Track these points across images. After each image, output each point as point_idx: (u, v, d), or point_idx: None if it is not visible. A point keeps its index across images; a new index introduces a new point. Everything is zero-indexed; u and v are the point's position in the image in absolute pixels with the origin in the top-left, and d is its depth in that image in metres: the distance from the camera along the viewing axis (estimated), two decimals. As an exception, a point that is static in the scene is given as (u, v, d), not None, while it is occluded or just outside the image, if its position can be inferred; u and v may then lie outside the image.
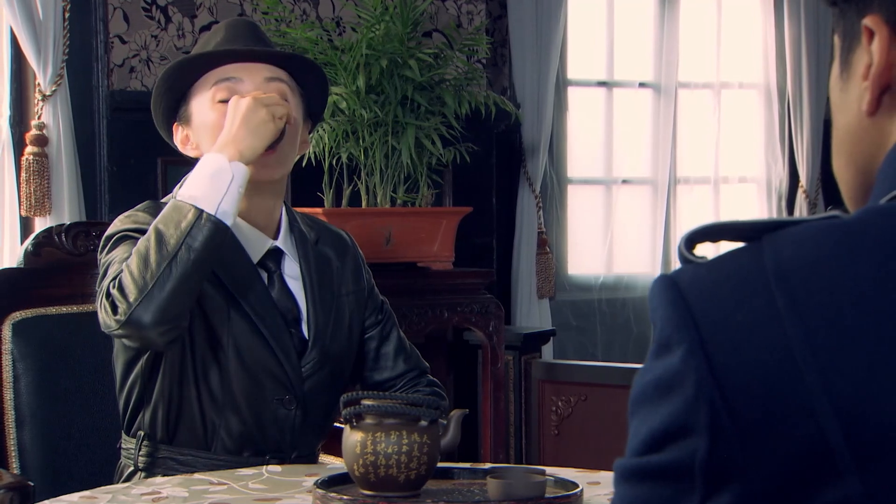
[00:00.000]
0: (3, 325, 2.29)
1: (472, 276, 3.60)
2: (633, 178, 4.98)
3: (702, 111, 5.07)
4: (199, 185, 1.89)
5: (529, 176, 4.53)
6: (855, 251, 0.81)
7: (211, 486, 1.70)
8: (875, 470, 0.76)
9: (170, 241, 1.84)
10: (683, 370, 0.81)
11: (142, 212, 2.01)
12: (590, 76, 4.88)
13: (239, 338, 1.99)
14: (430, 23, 4.20)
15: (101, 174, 3.74)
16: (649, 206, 4.98)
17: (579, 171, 4.87)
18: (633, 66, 4.95)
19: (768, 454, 0.78)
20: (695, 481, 0.81)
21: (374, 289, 2.24)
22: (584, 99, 4.88)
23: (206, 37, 2.13)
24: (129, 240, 1.94)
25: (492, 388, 3.59)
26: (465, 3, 4.30)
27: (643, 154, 4.99)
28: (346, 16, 4.03)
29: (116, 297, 1.83)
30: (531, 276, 4.52)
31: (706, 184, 5.09)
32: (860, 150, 0.93)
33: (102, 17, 3.75)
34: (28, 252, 2.35)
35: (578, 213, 4.86)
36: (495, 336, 3.54)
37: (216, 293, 1.99)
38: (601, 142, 4.91)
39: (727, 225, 0.89)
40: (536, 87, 4.48)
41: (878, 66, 0.88)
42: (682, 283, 0.85)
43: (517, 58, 4.48)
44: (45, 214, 3.57)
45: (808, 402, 0.77)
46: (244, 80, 2.04)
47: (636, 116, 4.96)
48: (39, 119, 3.59)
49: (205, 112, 2.04)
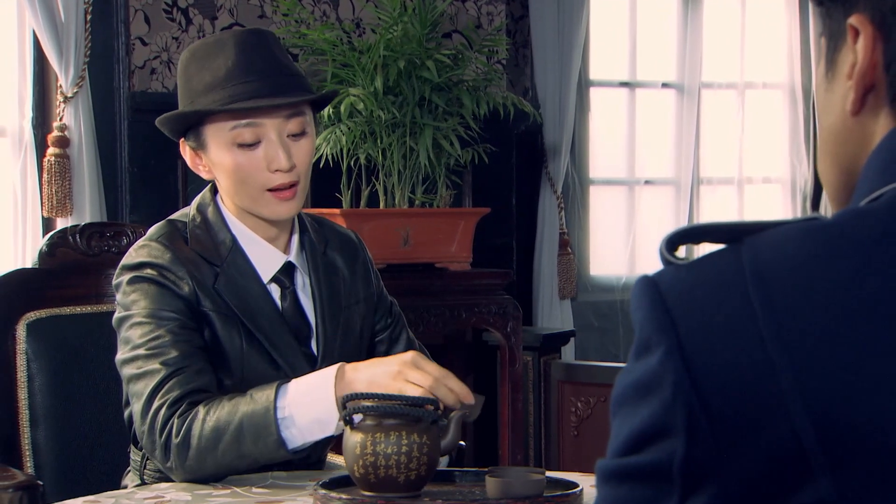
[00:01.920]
0: (18, 325, 2.31)
1: (489, 277, 3.60)
2: (655, 178, 4.96)
3: (725, 111, 5.04)
4: (306, 413, 1.83)
5: (551, 176, 4.52)
6: (831, 253, 0.81)
7: (215, 491, 1.71)
8: (848, 471, 0.76)
9: (244, 448, 1.82)
10: (661, 372, 0.82)
11: (155, 241, 2.00)
12: (612, 77, 4.87)
13: (254, 369, 1.98)
14: (450, 24, 4.20)
15: (122, 175, 3.77)
16: (672, 207, 4.97)
17: (601, 172, 4.86)
18: (656, 66, 4.93)
19: (744, 456, 0.79)
20: (673, 482, 0.82)
21: (383, 291, 2.24)
22: (606, 99, 4.87)
23: (210, 47, 2.02)
24: (143, 283, 1.95)
25: (509, 389, 3.59)
26: (485, 4, 4.31)
27: (666, 154, 4.97)
28: (365, 17, 4.04)
29: (175, 448, 1.83)
30: (553, 276, 4.51)
31: (730, 184, 5.07)
32: (844, 151, 0.93)
33: (124, 19, 3.77)
34: (43, 252, 2.37)
35: (601, 214, 4.85)
36: (513, 337, 3.55)
37: (231, 324, 1.99)
38: (623, 142, 4.90)
39: (708, 227, 0.89)
40: (558, 88, 4.48)
41: (862, 65, 0.88)
42: (662, 284, 0.85)
43: (539, 58, 4.47)
44: (67, 215, 3.60)
45: (782, 404, 0.77)
46: (265, 124, 1.99)
47: (659, 117, 4.95)
48: (61, 121, 3.63)
49: (222, 152, 2.00)
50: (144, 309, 1.93)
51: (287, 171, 2.00)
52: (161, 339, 1.91)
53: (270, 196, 2.01)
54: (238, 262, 2.02)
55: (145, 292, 1.95)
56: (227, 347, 1.98)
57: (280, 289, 2.06)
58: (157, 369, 1.89)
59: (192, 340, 1.93)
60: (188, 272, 1.97)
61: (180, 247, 2.00)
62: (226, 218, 2.06)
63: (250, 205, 2.02)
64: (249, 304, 2.00)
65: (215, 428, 1.83)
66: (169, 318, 1.93)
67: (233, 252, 2.03)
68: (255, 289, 2.02)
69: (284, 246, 2.09)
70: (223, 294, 1.99)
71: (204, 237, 2.03)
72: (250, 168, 1.99)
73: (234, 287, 2.00)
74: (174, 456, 1.84)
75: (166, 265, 1.97)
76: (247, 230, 2.05)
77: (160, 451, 1.86)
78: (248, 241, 2.04)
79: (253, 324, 1.99)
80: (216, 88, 1.97)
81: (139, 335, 1.93)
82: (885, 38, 0.86)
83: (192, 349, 1.92)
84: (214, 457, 1.84)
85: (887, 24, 0.86)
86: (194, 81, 2.00)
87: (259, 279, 2.03)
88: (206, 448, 1.83)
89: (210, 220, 2.05)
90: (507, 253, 4.37)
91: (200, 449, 1.83)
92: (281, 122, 2.00)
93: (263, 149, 2.00)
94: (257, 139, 1.99)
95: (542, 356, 3.98)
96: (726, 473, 0.80)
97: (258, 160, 1.99)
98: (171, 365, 1.89)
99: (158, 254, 1.98)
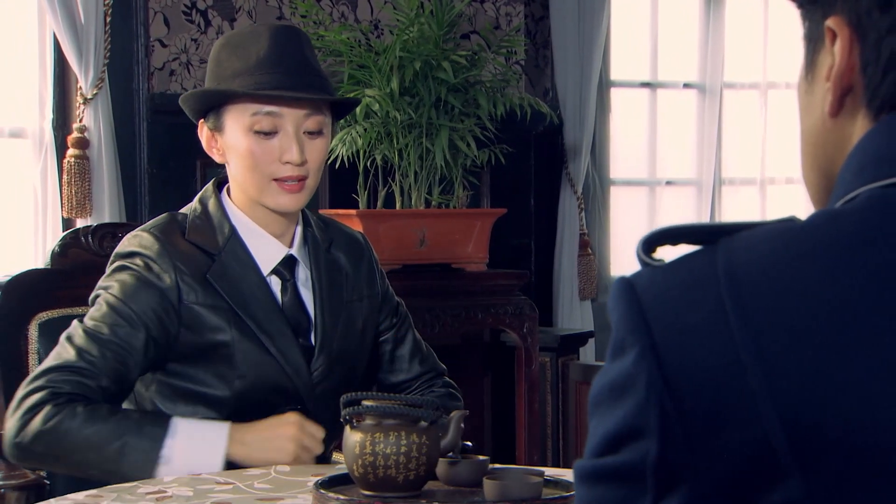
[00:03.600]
0: (30, 325, 2.33)
1: (506, 278, 3.60)
2: (677, 179, 4.95)
3: (748, 111, 5.02)
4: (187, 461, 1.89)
5: (571, 177, 4.52)
6: (803, 254, 0.81)
7: (217, 486, 1.72)
8: (817, 471, 0.76)
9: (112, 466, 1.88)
10: (635, 373, 0.82)
11: (147, 232, 2.04)
12: (633, 77, 4.86)
13: (248, 356, 2.02)
14: (469, 24, 4.21)
15: (141, 176, 3.80)
16: (694, 208, 4.95)
17: (622, 173, 4.85)
18: (678, 66, 4.92)
19: (716, 457, 0.79)
20: (647, 483, 0.82)
21: (388, 291, 2.25)
22: (627, 100, 4.86)
23: (245, 36, 2.07)
24: (125, 272, 2.00)
25: (526, 390, 3.59)
26: (503, 5, 4.31)
27: (688, 155, 4.95)
28: (383, 18, 4.05)
29: (35, 432, 1.89)
30: (573, 277, 4.51)
31: (752, 185, 5.05)
32: (823, 153, 0.93)
33: (143, 21, 3.80)
34: (55, 253, 2.39)
35: (621, 215, 4.84)
36: (529, 337, 3.54)
37: (221, 315, 2.02)
38: (645, 143, 4.89)
39: (686, 228, 0.90)
40: (579, 89, 4.47)
41: (839, 67, 0.88)
42: (638, 286, 0.86)
43: (559, 59, 4.47)
44: (86, 216, 3.63)
45: (752, 405, 0.78)
46: (285, 116, 2.03)
47: (680, 117, 4.93)
48: (81, 122, 3.65)
49: (238, 136, 2.04)
50: (113, 296, 1.99)
51: (298, 164, 2.03)
52: (100, 334, 1.96)
53: (277, 186, 2.04)
54: (237, 252, 2.05)
55: (123, 282, 2.00)
56: (217, 339, 2.01)
57: (281, 281, 2.09)
58: (71, 355, 1.94)
59: (127, 351, 1.96)
60: (173, 265, 2.00)
61: (173, 239, 2.04)
62: (227, 209, 2.09)
63: (256, 193, 2.06)
64: (243, 292, 2.03)
65: (88, 439, 1.88)
66: (127, 317, 1.97)
67: (231, 242, 2.06)
68: (251, 278, 2.05)
69: (289, 241, 2.11)
70: (215, 282, 2.02)
71: (203, 227, 2.07)
72: (262, 156, 2.03)
73: (229, 276, 2.03)
74: (26, 438, 1.89)
75: (152, 256, 2.01)
76: (249, 222, 2.08)
77: (15, 423, 1.90)
78: (248, 233, 2.08)
79: (244, 311, 2.02)
80: (243, 74, 2.02)
81: (95, 315, 1.98)
82: (861, 40, 0.86)
83: (116, 363, 1.95)
84: (71, 458, 1.90)
85: (863, 26, 0.86)
86: (224, 66, 2.04)
87: (258, 269, 2.06)
88: (67, 447, 1.89)
89: (210, 211, 2.09)
90: (526, 253, 4.36)
91: (62, 445, 1.88)
92: (300, 117, 2.04)
93: (279, 139, 2.03)
94: (274, 129, 2.03)
95: (560, 357, 3.98)
96: (698, 474, 0.80)
97: (272, 149, 2.03)
98: (85, 362, 1.94)
99: (148, 244, 2.02)
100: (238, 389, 2.01)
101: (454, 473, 1.68)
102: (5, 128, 3.68)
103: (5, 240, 3.70)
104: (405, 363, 2.21)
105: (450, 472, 1.68)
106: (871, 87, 0.87)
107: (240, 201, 2.09)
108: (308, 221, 2.16)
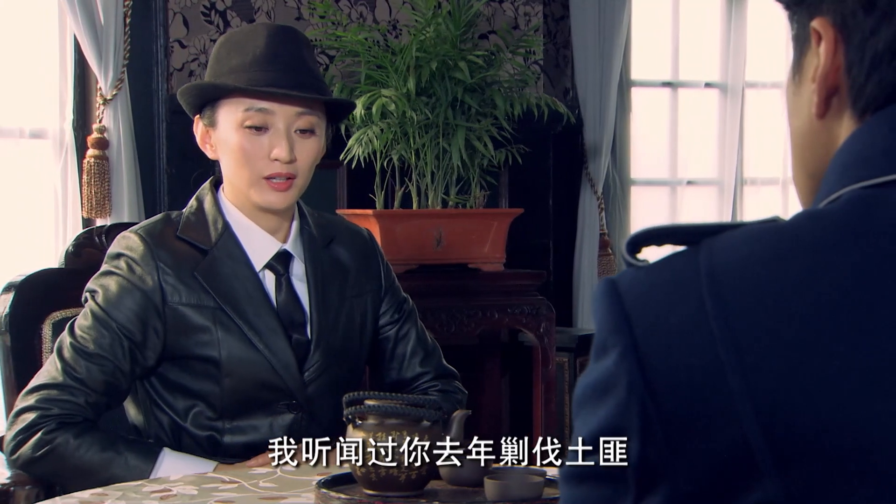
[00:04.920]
0: (44, 324, 2.35)
1: (523, 278, 3.60)
2: (698, 179, 4.93)
3: (770, 111, 5.00)
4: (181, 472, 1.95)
5: (591, 177, 4.51)
6: (783, 255, 0.81)
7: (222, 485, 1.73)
8: (794, 471, 0.76)
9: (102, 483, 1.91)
10: (617, 373, 0.83)
11: (135, 234, 2.08)
12: (654, 77, 4.85)
13: (233, 353, 2.04)
14: (487, 24, 4.21)
15: (160, 176, 3.82)
16: (715, 208, 4.94)
17: (643, 173, 4.84)
18: (699, 65, 4.90)
19: (695, 456, 0.79)
20: (628, 482, 0.82)
21: (394, 284, 2.25)
22: (648, 99, 4.84)
23: (244, 34, 2.09)
24: (111, 277, 2.05)
25: (543, 390, 3.58)
26: (522, 5, 4.30)
27: (709, 155, 4.94)
28: (402, 18, 4.06)
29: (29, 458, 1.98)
30: (593, 277, 4.50)
31: (774, 184, 5.03)
32: (811, 154, 0.93)
33: (162, 22, 3.82)
34: (69, 253, 2.41)
35: (642, 215, 4.83)
36: (546, 337, 3.54)
37: (206, 314, 2.04)
38: (666, 142, 4.88)
39: (670, 228, 0.90)
40: (599, 89, 4.47)
41: (824, 67, 0.88)
42: (621, 286, 0.86)
43: (579, 59, 4.46)
44: (106, 216, 3.65)
45: (731, 405, 0.78)
46: (276, 113, 2.05)
47: (702, 117, 4.92)
48: (100, 123, 3.68)
49: (230, 131, 2.07)
50: (97, 305, 2.03)
51: (287, 162, 2.05)
52: (85, 349, 2.00)
53: (266, 184, 2.06)
54: (229, 247, 2.08)
55: (106, 288, 2.04)
56: (202, 339, 2.03)
57: (275, 276, 2.10)
58: (57, 373, 2.00)
59: (113, 363, 2.01)
60: (157, 266, 2.04)
61: (163, 239, 2.07)
62: (222, 206, 2.11)
63: (245, 189, 2.08)
64: (233, 287, 2.05)
65: (77, 468, 1.96)
66: (110, 328, 2.01)
67: (224, 237, 2.08)
68: (242, 272, 2.07)
69: (283, 236, 2.13)
70: (202, 279, 2.04)
71: (196, 223, 2.09)
72: (252, 152, 2.05)
73: (218, 272, 2.06)
74: (20, 461, 1.98)
75: (136, 258, 2.05)
76: (243, 218, 2.10)
77: (10, 440, 1.99)
78: (242, 229, 2.10)
79: (232, 308, 2.04)
80: (238, 71, 2.05)
81: (82, 326, 2.03)
82: (846, 41, 0.86)
83: (103, 375, 2.00)
84: (64, 481, 1.99)
85: (848, 27, 0.86)
86: (222, 62, 2.07)
87: (250, 264, 2.08)
88: (59, 474, 1.99)
89: (205, 208, 2.11)
90: (544, 253, 4.36)
91: (53, 471, 1.99)
92: (291, 116, 2.05)
93: (269, 137, 2.05)
94: (265, 125, 2.05)
95: (577, 357, 3.97)
96: (679, 473, 0.80)
97: (262, 146, 2.05)
98: (72, 379, 1.99)
99: (133, 246, 2.06)
100: (227, 387, 2.04)
101: (457, 473, 1.68)
102: (26, 128, 3.71)
103: (27, 240, 3.73)
104: (405, 361, 2.22)
105: (452, 471, 1.69)
106: (856, 88, 0.87)
107: (233, 197, 2.11)
108: (304, 216, 2.17)
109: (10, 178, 3.70)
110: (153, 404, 2.08)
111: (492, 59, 3.57)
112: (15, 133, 3.69)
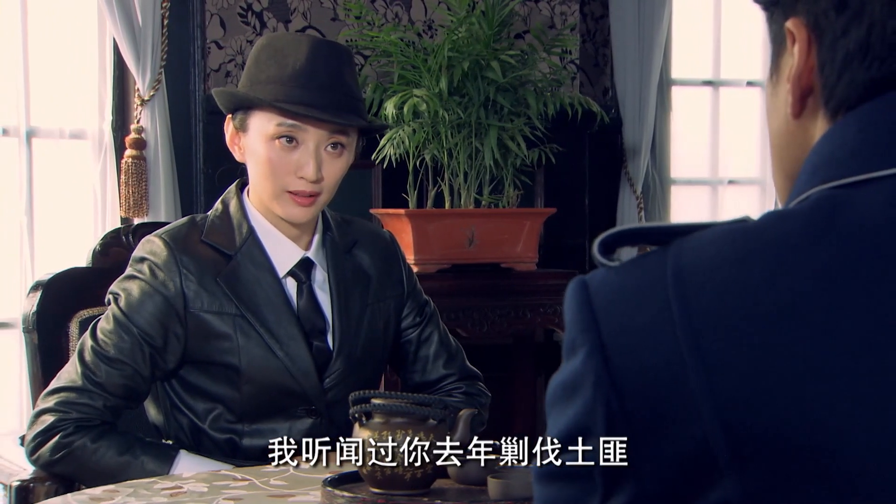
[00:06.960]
0: (71, 323, 2.37)
1: (555, 277, 3.59)
2: (740, 178, 4.90)
3: (813, 109, 4.94)
4: None
5: (630, 176, 4.49)
6: (747, 255, 0.81)
7: (233, 482, 1.75)
8: (753, 472, 0.77)
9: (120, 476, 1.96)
10: (584, 372, 0.83)
11: (160, 238, 2.08)
12: (695, 75, 4.81)
13: (253, 361, 2.04)
14: (523, 24, 4.20)
15: (197, 176, 3.86)
16: (757, 207, 4.89)
17: (683, 172, 4.81)
18: (741, 64, 4.86)
19: (658, 456, 0.80)
20: (595, 481, 0.83)
21: (416, 287, 2.25)
22: (689, 98, 4.81)
23: (287, 42, 2.07)
24: (134, 281, 2.06)
25: (575, 390, 3.57)
26: (558, 4, 4.30)
27: (751, 154, 4.90)
28: (437, 18, 4.06)
29: (48, 460, 2.00)
30: (631, 277, 4.48)
31: (817, 184, 4.97)
32: (788, 155, 0.93)
33: (200, 23, 3.86)
34: (96, 252, 2.44)
35: (682, 215, 4.80)
36: (579, 337, 3.53)
37: (227, 320, 2.05)
38: (707, 142, 4.84)
39: (643, 228, 0.90)
40: (638, 88, 4.45)
41: (797, 67, 0.88)
42: (591, 286, 0.87)
43: (619, 58, 4.45)
44: (143, 216, 3.69)
45: (693, 405, 0.78)
46: (308, 131, 2.04)
47: (744, 116, 4.88)
48: (138, 123, 3.72)
49: (259, 141, 2.06)
50: (119, 309, 2.04)
51: (312, 181, 2.04)
52: (106, 353, 2.02)
53: (289, 197, 2.06)
54: (253, 253, 2.08)
55: (129, 292, 2.05)
56: (222, 345, 2.04)
57: (297, 283, 2.11)
58: (77, 376, 2.02)
59: (132, 368, 2.02)
60: (180, 272, 2.04)
61: (187, 243, 2.07)
62: (247, 211, 2.11)
63: (268, 199, 2.08)
64: (255, 292, 2.06)
65: (94, 471, 1.99)
66: (131, 333, 2.03)
67: (248, 242, 2.08)
68: (266, 279, 2.07)
69: (306, 243, 2.13)
70: (224, 285, 2.05)
71: (221, 227, 2.10)
72: (280, 166, 2.04)
73: (242, 277, 2.06)
74: (39, 462, 2.01)
75: (159, 263, 2.05)
76: (267, 224, 2.10)
77: (30, 441, 2.01)
78: (266, 235, 2.10)
79: (253, 314, 2.04)
80: (276, 83, 2.03)
81: (104, 330, 2.04)
82: (818, 41, 0.86)
83: (123, 379, 2.02)
84: (83, 479, 2.01)
85: (820, 27, 0.86)
86: (261, 68, 2.06)
87: (273, 271, 2.08)
88: (77, 476, 2.01)
89: (231, 212, 2.11)
90: (580, 253, 4.35)
91: (72, 473, 2.02)
92: (323, 135, 2.04)
93: (298, 153, 2.04)
94: (296, 142, 2.04)
95: (612, 357, 3.95)
96: (643, 473, 0.81)
97: (290, 162, 2.04)
98: (92, 383, 2.01)
99: (157, 251, 2.06)
100: (247, 392, 2.04)
101: (464, 472, 1.69)
102: (66, 129, 3.76)
103: (67, 240, 3.78)
104: (428, 364, 2.21)
105: (459, 470, 1.69)
106: (828, 88, 0.87)
107: (257, 203, 2.11)
108: (328, 223, 2.17)
109: (51, 178, 3.76)
110: (173, 406, 2.10)
111: (525, 59, 3.57)
112: (55, 134, 3.75)
